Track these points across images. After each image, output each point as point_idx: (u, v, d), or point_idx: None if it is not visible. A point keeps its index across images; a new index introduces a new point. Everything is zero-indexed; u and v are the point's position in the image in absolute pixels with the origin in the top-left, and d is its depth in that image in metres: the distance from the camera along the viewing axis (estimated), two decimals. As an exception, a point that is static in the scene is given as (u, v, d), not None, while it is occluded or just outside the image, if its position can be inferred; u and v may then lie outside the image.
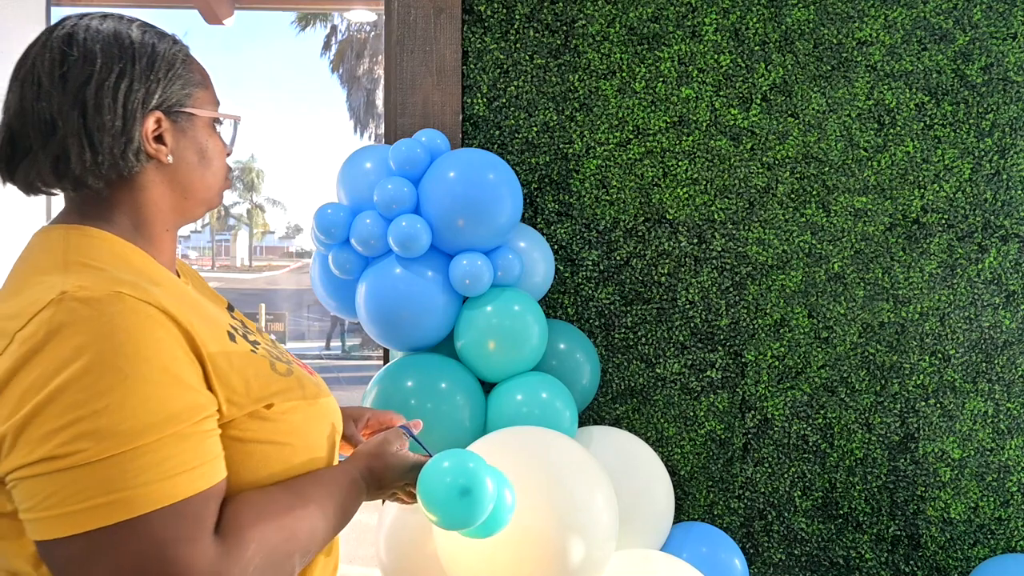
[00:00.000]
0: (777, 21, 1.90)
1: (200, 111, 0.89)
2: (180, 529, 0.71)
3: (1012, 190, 1.90)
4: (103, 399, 0.69)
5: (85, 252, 0.80)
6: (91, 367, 0.70)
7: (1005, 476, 1.90)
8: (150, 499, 0.70)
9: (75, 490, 0.68)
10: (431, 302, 1.51)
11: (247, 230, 44.07)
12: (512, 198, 1.54)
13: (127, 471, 0.69)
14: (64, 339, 0.70)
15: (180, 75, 0.87)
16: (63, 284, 0.74)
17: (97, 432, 0.69)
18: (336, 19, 27.35)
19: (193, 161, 0.89)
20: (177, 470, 0.72)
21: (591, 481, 1.29)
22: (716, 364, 1.91)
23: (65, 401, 0.69)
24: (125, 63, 0.83)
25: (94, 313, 0.72)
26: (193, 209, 0.92)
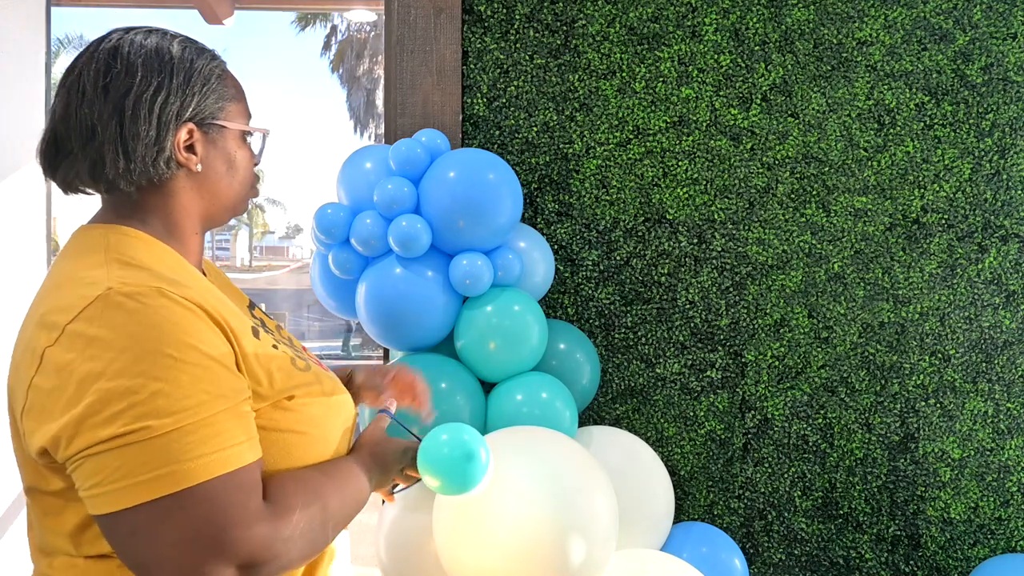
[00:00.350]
0: (777, 21, 1.90)
1: (231, 124, 0.95)
2: (236, 495, 0.78)
3: (1012, 190, 1.90)
4: (158, 381, 0.76)
5: (124, 250, 0.87)
6: (143, 355, 0.76)
7: (1005, 476, 1.90)
8: (209, 469, 0.77)
9: (139, 463, 0.74)
10: (431, 302, 1.51)
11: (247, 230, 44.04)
12: (512, 198, 1.54)
13: (186, 444, 0.76)
14: (115, 331, 0.77)
15: (215, 89, 0.93)
16: (107, 280, 0.80)
17: (157, 411, 0.75)
18: (336, 19, 27.35)
19: (221, 170, 0.95)
20: (230, 443, 0.79)
21: (591, 481, 1.29)
22: (716, 364, 1.91)
23: (124, 386, 0.75)
24: (163, 77, 0.89)
25: (139, 306, 0.78)
26: (220, 215, 0.99)
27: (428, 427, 1.14)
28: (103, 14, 7.20)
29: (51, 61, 2.36)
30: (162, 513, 0.75)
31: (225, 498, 0.77)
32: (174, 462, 0.75)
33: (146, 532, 0.75)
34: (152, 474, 0.75)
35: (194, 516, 0.76)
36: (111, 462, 0.74)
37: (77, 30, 27.01)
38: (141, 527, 0.75)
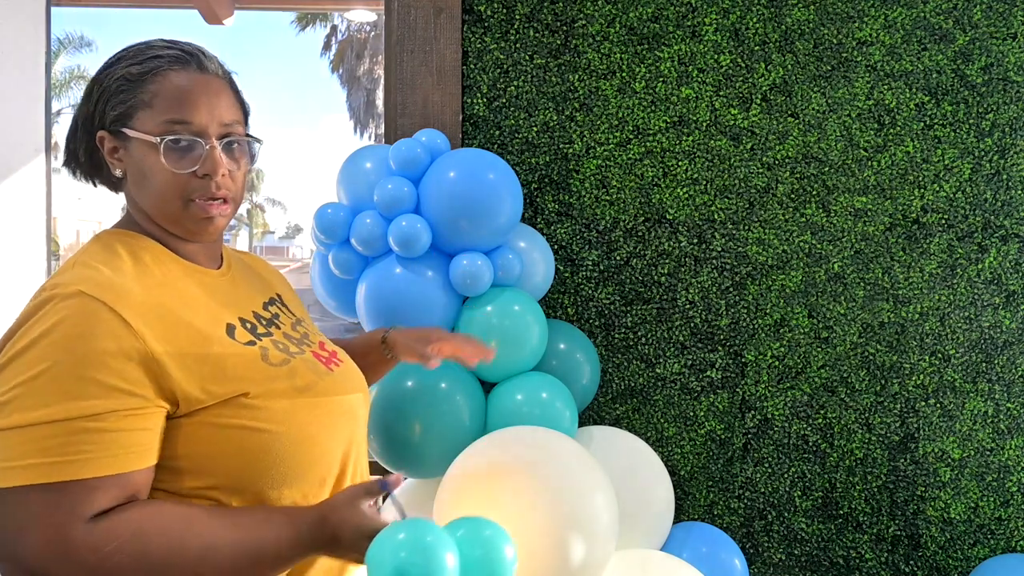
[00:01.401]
0: (777, 21, 1.90)
1: (132, 131, 0.93)
2: (51, 507, 0.78)
3: (1012, 190, 1.90)
4: (22, 377, 0.80)
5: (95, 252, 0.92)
6: (26, 351, 0.81)
7: (1005, 476, 1.90)
8: (26, 474, 0.78)
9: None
10: (431, 302, 1.51)
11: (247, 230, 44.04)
12: (512, 198, 1.54)
13: (17, 444, 0.78)
14: (26, 328, 0.83)
15: (119, 95, 0.93)
16: (55, 281, 0.86)
17: (13, 401, 0.79)
18: (336, 19, 27.34)
19: (137, 178, 0.95)
20: (60, 457, 0.79)
21: (591, 481, 1.29)
22: (716, 364, 1.91)
23: (5, 375, 0.81)
24: (87, 89, 0.96)
25: (53, 307, 0.83)
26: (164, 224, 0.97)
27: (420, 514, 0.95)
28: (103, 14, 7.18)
29: (51, 61, 2.36)
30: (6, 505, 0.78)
31: (33, 506, 0.78)
32: (8, 459, 0.78)
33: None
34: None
35: (8, 516, 0.78)
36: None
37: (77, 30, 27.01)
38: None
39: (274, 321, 1.03)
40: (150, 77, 0.93)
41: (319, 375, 0.98)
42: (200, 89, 0.95)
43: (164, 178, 0.93)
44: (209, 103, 0.95)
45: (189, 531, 0.82)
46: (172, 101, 0.93)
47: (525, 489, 1.24)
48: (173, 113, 0.93)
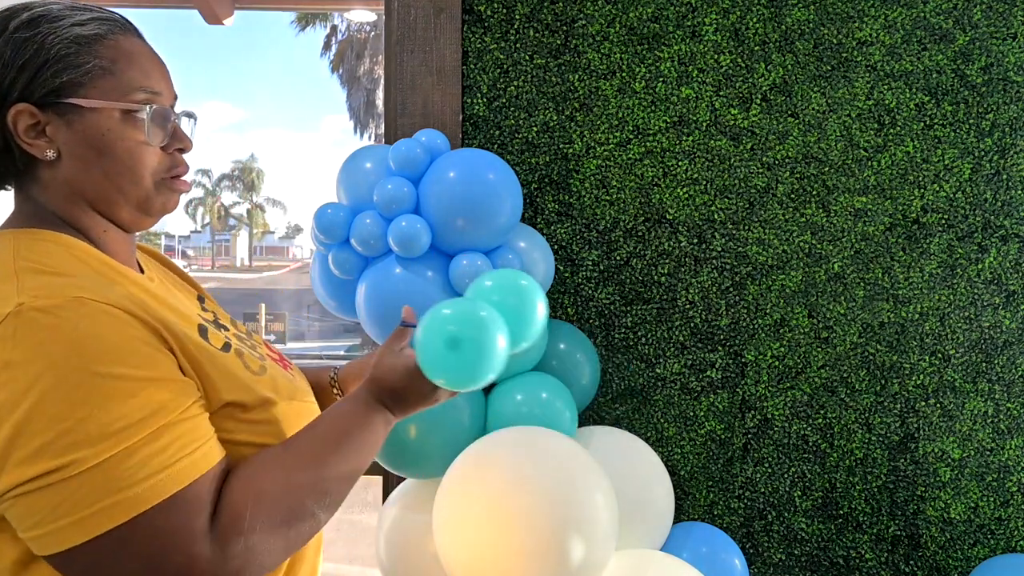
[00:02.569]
0: (777, 21, 1.90)
1: (88, 101, 0.79)
2: (180, 518, 0.72)
3: (1012, 190, 1.90)
4: (85, 406, 0.68)
5: (35, 257, 0.76)
6: (66, 377, 0.68)
7: (1005, 476, 1.90)
8: (153, 493, 0.70)
9: (79, 497, 0.68)
10: (431, 302, 1.50)
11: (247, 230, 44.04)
12: (512, 198, 1.54)
13: (126, 469, 0.69)
14: (31, 352, 0.68)
15: (57, 60, 0.78)
16: (18, 295, 0.71)
17: (88, 439, 0.68)
18: (336, 19, 27.35)
19: (88, 156, 0.80)
20: (172, 460, 0.72)
21: (591, 481, 1.29)
22: (716, 364, 1.91)
23: (48, 414, 0.67)
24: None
25: (57, 321, 0.70)
26: (114, 211, 0.84)
27: None
28: (103, 14, 7.03)
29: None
30: (110, 547, 0.69)
31: (170, 521, 0.71)
32: (116, 491, 0.69)
33: (101, 567, 0.70)
34: (94, 507, 0.68)
35: (142, 545, 0.70)
36: (46, 501, 0.68)
37: (77, 30, 26.88)
38: (93, 564, 0.70)
39: (218, 320, 0.95)
40: (102, 41, 0.80)
41: (288, 379, 0.94)
42: (154, 58, 0.86)
43: (137, 153, 0.82)
44: (164, 73, 0.86)
45: (289, 464, 0.80)
46: (137, 69, 0.82)
47: (525, 489, 1.24)
48: (143, 81, 0.82)
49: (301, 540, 0.80)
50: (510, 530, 1.22)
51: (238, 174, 44.96)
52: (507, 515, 1.23)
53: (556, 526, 1.22)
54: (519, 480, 1.25)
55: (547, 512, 1.23)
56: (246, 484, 0.77)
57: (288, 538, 0.78)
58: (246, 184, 45.03)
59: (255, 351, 0.94)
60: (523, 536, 1.22)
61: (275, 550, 0.77)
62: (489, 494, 1.25)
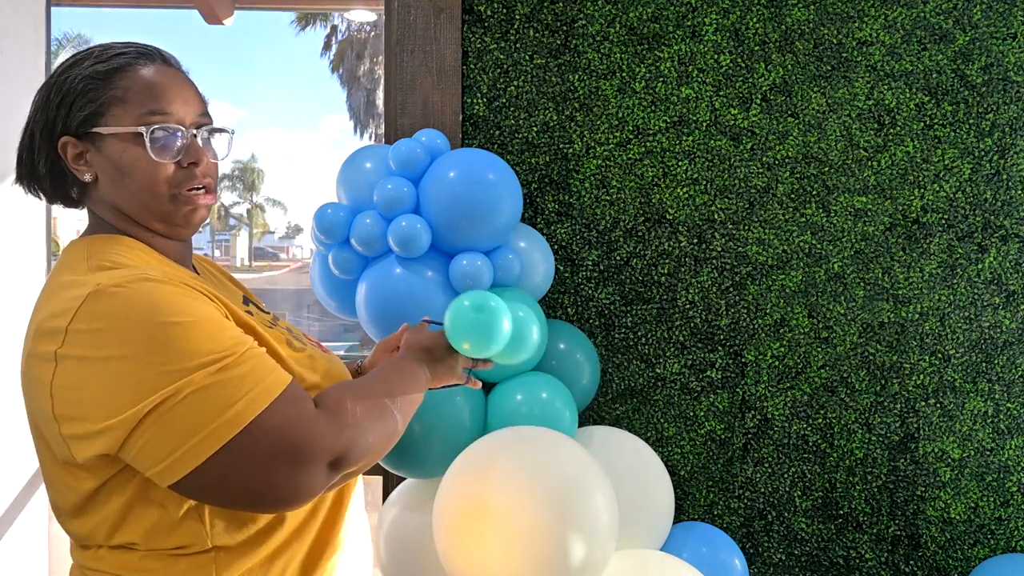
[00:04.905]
0: (777, 21, 1.90)
1: (106, 128, 0.90)
2: (292, 410, 0.85)
3: (1012, 190, 1.90)
4: (175, 346, 0.80)
5: (106, 255, 0.89)
6: (148, 330, 0.80)
7: (1005, 476, 1.90)
8: (260, 399, 0.82)
9: (196, 419, 0.79)
10: (431, 302, 1.51)
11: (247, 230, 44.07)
12: (512, 198, 1.54)
13: (227, 388, 0.81)
14: (113, 319, 0.80)
15: (83, 96, 0.91)
16: (95, 280, 0.83)
17: (184, 370, 0.79)
18: (336, 19, 27.36)
19: (115, 178, 0.92)
20: (263, 374, 0.84)
21: (591, 481, 1.29)
22: (716, 364, 1.91)
23: (146, 360, 0.79)
24: (39, 101, 0.94)
25: (133, 292, 0.81)
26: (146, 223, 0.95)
27: None
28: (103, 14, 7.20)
29: (51, 61, 2.36)
30: (239, 451, 0.80)
31: (285, 416, 0.83)
32: (228, 405, 0.80)
33: (235, 471, 0.81)
34: (214, 424, 0.79)
35: (267, 442, 0.82)
36: (171, 429, 0.79)
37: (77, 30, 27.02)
38: (228, 469, 0.81)
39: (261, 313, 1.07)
40: (119, 73, 0.91)
41: (329, 361, 1.05)
42: (171, 81, 0.95)
43: (149, 171, 0.91)
44: (182, 94, 0.95)
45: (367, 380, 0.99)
46: (147, 93, 0.92)
47: (525, 489, 1.24)
48: (152, 104, 0.92)
49: (388, 433, 0.96)
50: (510, 530, 1.22)
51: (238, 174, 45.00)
52: (507, 515, 1.23)
53: (556, 526, 1.22)
54: (519, 480, 1.25)
55: (547, 512, 1.23)
56: (337, 389, 0.94)
57: (382, 426, 0.94)
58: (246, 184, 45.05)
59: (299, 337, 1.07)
60: (523, 536, 1.22)
61: (372, 433, 0.92)
62: (489, 494, 1.25)
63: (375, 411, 0.94)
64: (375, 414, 0.94)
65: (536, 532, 1.22)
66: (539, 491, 1.24)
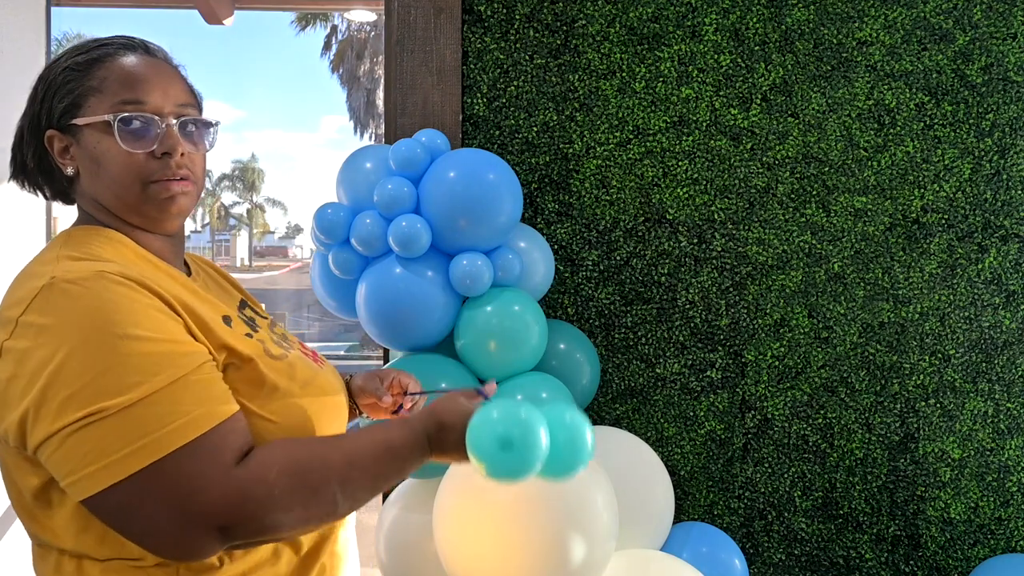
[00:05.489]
0: (777, 21, 1.90)
1: (82, 119, 0.89)
2: (200, 462, 0.78)
3: (1012, 190, 1.90)
4: (108, 360, 0.77)
5: (80, 247, 0.88)
6: (89, 336, 0.77)
7: (1005, 476, 1.90)
8: (174, 437, 0.77)
9: (107, 443, 0.76)
10: (431, 302, 1.51)
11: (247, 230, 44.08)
12: (512, 198, 1.54)
13: (148, 417, 0.77)
14: (60, 317, 0.78)
15: (62, 88, 0.90)
16: (53, 271, 0.82)
17: (109, 388, 0.76)
18: (336, 19, 27.36)
19: (92, 170, 0.91)
20: (187, 412, 0.79)
21: (591, 481, 1.29)
22: (716, 364, 1.91)
23: (74, 369, 0.76)
24: (32, 91, 0.93)
25: (82, 290, 0.79)
26: (125, 215, 0.93)
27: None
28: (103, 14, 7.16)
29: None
30: (139, 487, 0.76)
31: (190, 465, 0.78)
32: (140, 436, 0.76)
33: (130, 507, 0.77)
34: (120, 452, 0.76)
35: (166, 486, 0.77)
36: (78, 447, 0.76)
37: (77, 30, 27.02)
38: (125, 504, 0.77)
39: (254, 321, 1.02)
40: (97, 64, 0.90)
41: (314, 372, 0.99)
42: (151, 71, 0.93)
43: (120, 160, 0.89)
44: (162, 84, 0.93)
45: (328, 445, 0.87)
46: (123, 82, 0.90)
47: (525, 489, 1.24)
48: (125, 93, 0.90)
49: (317, 517, 0.85)
50: (510, 530, 1.22)
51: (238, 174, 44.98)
52: (507, 515, 1.23)
53: (556, 526, 1.22)
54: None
55: (547, 512, 1.23)
56: (282, 446, 0.85)
57: (307, 508, 0.83)
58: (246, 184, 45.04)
59: (282, 344, 1.01)
60: (523, 536, 1.22)
61: (292, 513, 0.82)
62: (489, 495, 1.25)
63: (306, 493, 0.82)
64: (303, 496, 0.82)
65: (536, 531, 1.22)
66: (539, 491, 1.24)
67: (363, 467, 0.87)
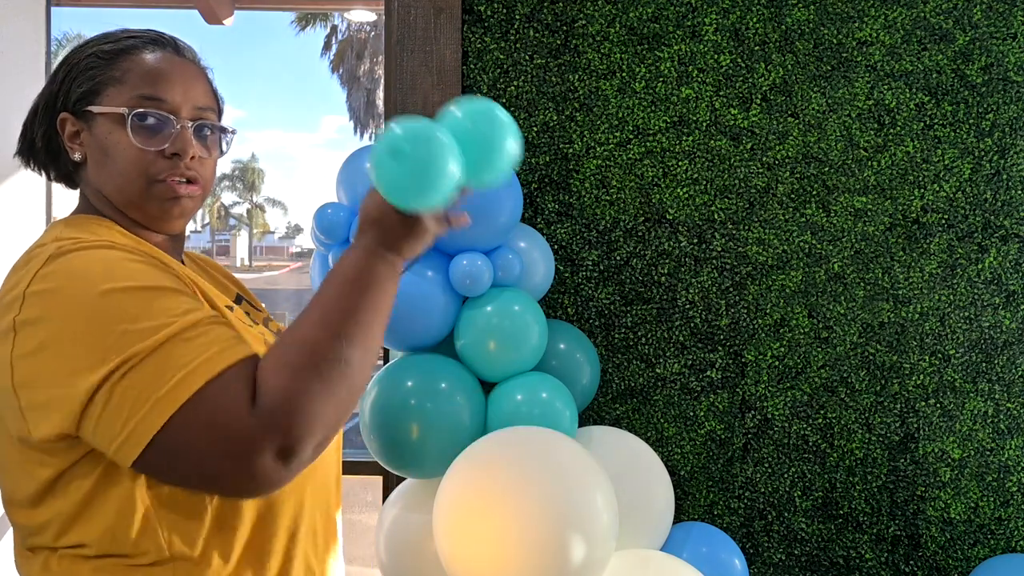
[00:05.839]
0: (777, 21, 1.90)
1: (98, 107, 0.88)
2: (224, 398, 0.77)
3: (1012, 190, 1.90)
4: (131, 310, 0.77)
5: (77, 234, 0.87)
6: (100, 293, 0.77)
7: (1005, 476, 1.90)
8: (196, 374, 0.76)
9: (146, 386, 0.75)
10: (431, 302, 1.51)
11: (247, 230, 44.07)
12: (512, 198, 1.54)
13: (180, 352, 0.76)
14: (68, 279, 0.77)
15: (85, 73, 0.89)
16: (57, 245, 0.81)
17: (138, 336, 0.76)
18: (336, 19, 27.36)
19: (99, 159, 0.90)
20: (215, 344, 0.79)
21: (591, 481, 1.29)
22: (716, 364, 1.91)
23: (96, 326, 0.75)
24: (54, 71, 0.92)
25: (85, 253, 0.80)
26: (127, 209, 0.92)
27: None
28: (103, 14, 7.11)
29: (51, 61, 2.36)
30: (188, 422, 0.75)
31: (217, 401, 0.76)
32: (177, 370, 0.75)
33: (185, 446, 0.76)
34: (163, 389, 0.75)
35: (203, 424, 0.75)
36: (123, 399, 0.75)
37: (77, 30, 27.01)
38: (179, 444, 0.75)
39: (250, 315, 1.02)
40: (124, 55, 0.90)
41: None
42: (176, 70, 0.92)
43: (129, 155, 0.88)
44: (184, 84, 0.92)
45: (302, 325, 0.83)
46: (145, 77, 0.90)
47: (525, 489, 1.24)
48: (146, 89, 0.89)
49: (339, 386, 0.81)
50: (510, 530, 1.22)
51: (238, 174, 44.99)
52: (507, 515, 1.23)
53: (556, 526, 1.22)
54: (519, 480, 1.25)
55: (547, 512, 1.23)
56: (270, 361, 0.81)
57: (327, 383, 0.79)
58: (246, 184, 45.04)
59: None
60: (523, 536, 1.22)
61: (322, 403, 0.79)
62: (489, 494, 1.25)
63: (316, 364, 0.79)
64: (315, 377, 0.79)
65: (536, 532, 1.22)
66: (539, 491, 1.24)
67: (344, 315, 0.83)
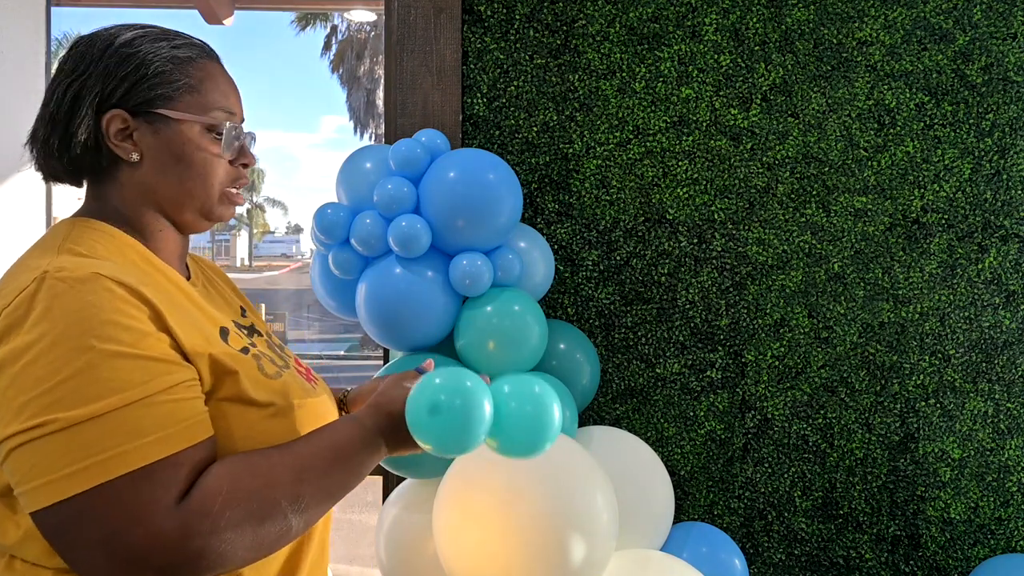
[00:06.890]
0: (777, 21, 1.90)
1: (176, 113, 0.90)
2: (145, 493, 0.73)
3: (1012, 190, 1.90)
4: (69, 368, 0.73)
5: (80, 241, 0.85)
6: (59, 340, 0.74)
7: (1005, 476, 1.90)
8: (122, 462, 0.73)
9: (53, 459, 0.72)
10: (431, 302, 1.51)
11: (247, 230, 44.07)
12: (512, 198, 1.54)
13: (99, 436, 0.73)
14: (38, 314, 0.75)
15: (155, 76, 0.89)
16: (47, 266, 0.78)
17: (65, 399, 0.72)
18: (336, 19, 27.36)
19: (166, 163, 0.90)
20: (145, 434, 0.75)
21: (591, 481, 1.29)
22: (716, 364, 1.91)
23: (35, 373, 0.73)
24: (91, 63, 0.88)
25: (68, 290, 0.76)
26: (177, 212, 0.93)
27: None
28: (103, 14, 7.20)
29: (51, 61, 2.36)
30: (78, 512, 0.72)
31: (131, 496, 0.73)
32: (88, 456, 0.72)
33: (68, 531, 0.72)
34: (66, 470, 0.71)
35: (109, 514, 0.72)
36: (28, 458, 0.72)
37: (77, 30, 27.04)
38: (62, 526, 0.72)
39: (253, 330, 1.01)
40: (192, 63, 0.93)
41: (306, 391, 0.97)
42: (231, 83, 0.98)
43: (211, 164, 0.92)
44: (238, 96, 0.98)
45: (274, 461, 0.82)
46: (218, 90, 0.94)
47: (525, 489, 1.24)
48: (223, 101, 0.94)
49: (270, 541, 0.80)
50: (510, 530, 1.22)
51: (238, 174, 44.97)
52: (507, 515, 1.23)
53: (556, 526, 1.22)
54: (519, 480, 1.25)
55: (547, 512, 1.23)
56: (226, 470, 0.79)
57: (257, 535, 0.79)
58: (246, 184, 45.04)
59: (279, 360, 0.98)
60: (523, 536, 1.22)
61: (241, 543, 0.78)
62: (489, 494, 1.25)
63: (254, 521, 0.77)
64: (252, 524, 0.77)
65: (536, 532, 1.22)
66: (539, 491, 1.24)
67: (314, 479, 0.83)
